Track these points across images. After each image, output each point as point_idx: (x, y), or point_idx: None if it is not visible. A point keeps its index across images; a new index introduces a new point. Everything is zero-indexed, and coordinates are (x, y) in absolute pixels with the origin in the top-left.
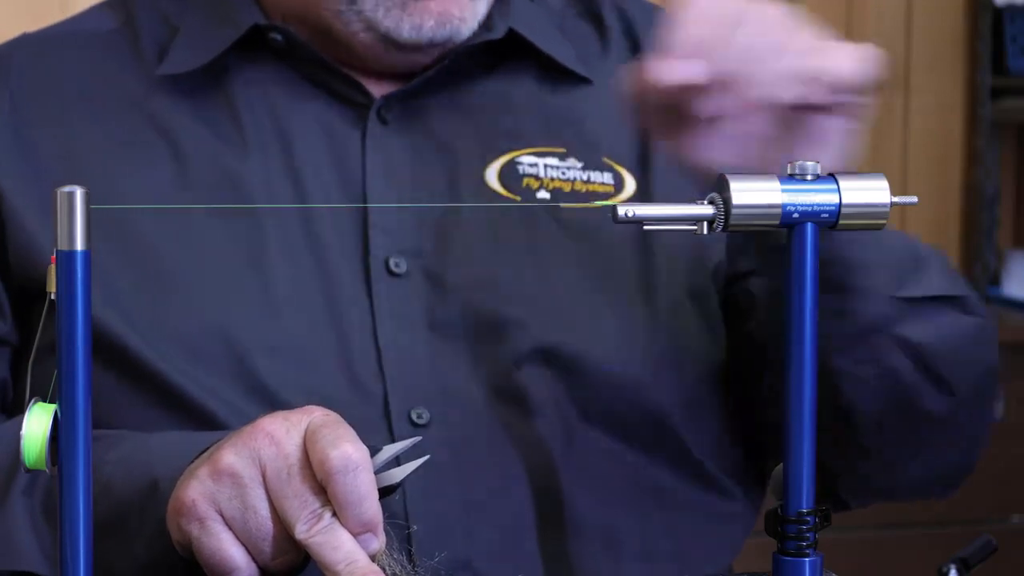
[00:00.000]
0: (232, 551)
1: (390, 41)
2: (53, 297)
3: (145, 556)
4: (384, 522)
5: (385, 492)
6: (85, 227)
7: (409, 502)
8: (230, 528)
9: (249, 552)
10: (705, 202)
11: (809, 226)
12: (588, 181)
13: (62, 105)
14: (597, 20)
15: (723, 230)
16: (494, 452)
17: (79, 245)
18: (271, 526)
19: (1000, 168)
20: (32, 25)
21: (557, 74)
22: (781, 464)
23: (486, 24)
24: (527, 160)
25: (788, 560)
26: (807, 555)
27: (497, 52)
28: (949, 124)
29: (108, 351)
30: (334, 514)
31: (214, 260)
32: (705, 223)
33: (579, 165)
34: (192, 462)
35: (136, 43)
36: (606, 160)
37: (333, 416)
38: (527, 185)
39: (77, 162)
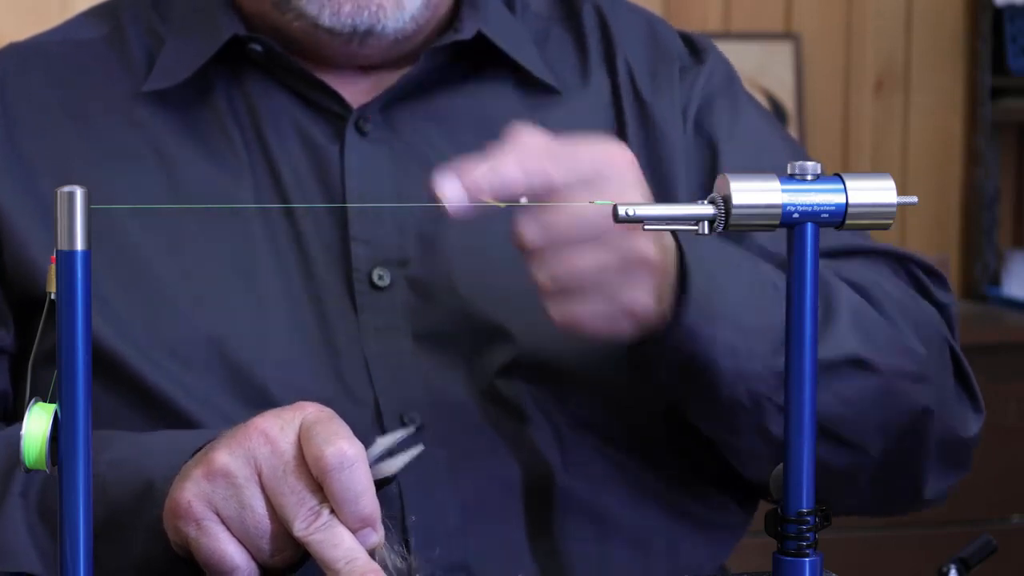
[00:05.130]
0: (230, 550)
1: (320, 28)
2: (53, 297)
3: (142, 557)
4: (382, 515)
5: (381, 484)
6: (85, 227)
7: (406, 503)
8: (228, 528)
9: (248, 550)
10: (706, 202)
11: (809, 226)
12: None
13: (53, 115)
14: (577, 26)
15: (724, 229)
16: (486, 454)
17: (79, 245)
18: (269, 524)
19: (1000, 168)
20: (33, 25)
21: (534, 84)
22: (781, 464)
23: (455, 26)
24: None
25: (788, 560)
26: (807, 555)
27: (473, 60)
28: (949, 124)
29: (100, 361)
30: (332, 511)
31: (205, 272)
32: (706, 222)
33: None
34: (186, 462)
35: (125, 52)
36: None
37: (327, 412)
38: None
39: (69, 173)
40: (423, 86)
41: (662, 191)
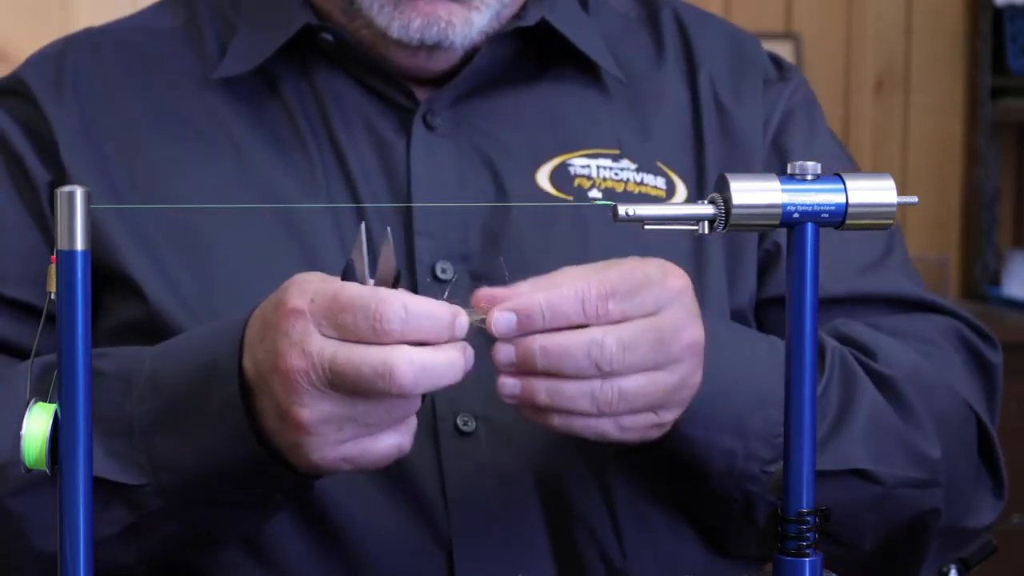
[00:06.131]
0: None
1: (388, 39)
2: (53, 297)
3: (208, 439)
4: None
5: (396, 281)
6: (85, 227)
7: (451, 507)
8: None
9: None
10: (706, 202)
11: (809, 226)
12: (641, 183)
13: (127, 100)
14: (655, 27)
15: (723, 229)
16: (537, 460)
17: (79, 245)
18: (386, 412)
19: (1000, 168)
20: (33, 24)
21: (604, 80)
22: (781, 464)
23: (520, 15)
24: (579, 162)
25: (788, 560)
26: (807, 555)
27: (540, 53)
28: (949, 124)
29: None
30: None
31: (270, 261)
32: (706, 222)
33: (633, 167)
34: (242, 341)
35: (199, 42)
36: (660, 165)
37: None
38: (579, 186)
39: (141, 158)
40: (492, 82)
41: None
